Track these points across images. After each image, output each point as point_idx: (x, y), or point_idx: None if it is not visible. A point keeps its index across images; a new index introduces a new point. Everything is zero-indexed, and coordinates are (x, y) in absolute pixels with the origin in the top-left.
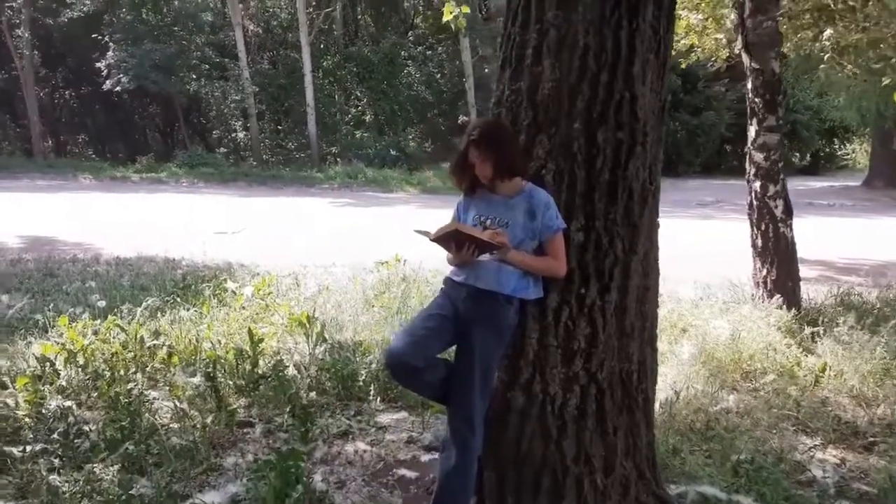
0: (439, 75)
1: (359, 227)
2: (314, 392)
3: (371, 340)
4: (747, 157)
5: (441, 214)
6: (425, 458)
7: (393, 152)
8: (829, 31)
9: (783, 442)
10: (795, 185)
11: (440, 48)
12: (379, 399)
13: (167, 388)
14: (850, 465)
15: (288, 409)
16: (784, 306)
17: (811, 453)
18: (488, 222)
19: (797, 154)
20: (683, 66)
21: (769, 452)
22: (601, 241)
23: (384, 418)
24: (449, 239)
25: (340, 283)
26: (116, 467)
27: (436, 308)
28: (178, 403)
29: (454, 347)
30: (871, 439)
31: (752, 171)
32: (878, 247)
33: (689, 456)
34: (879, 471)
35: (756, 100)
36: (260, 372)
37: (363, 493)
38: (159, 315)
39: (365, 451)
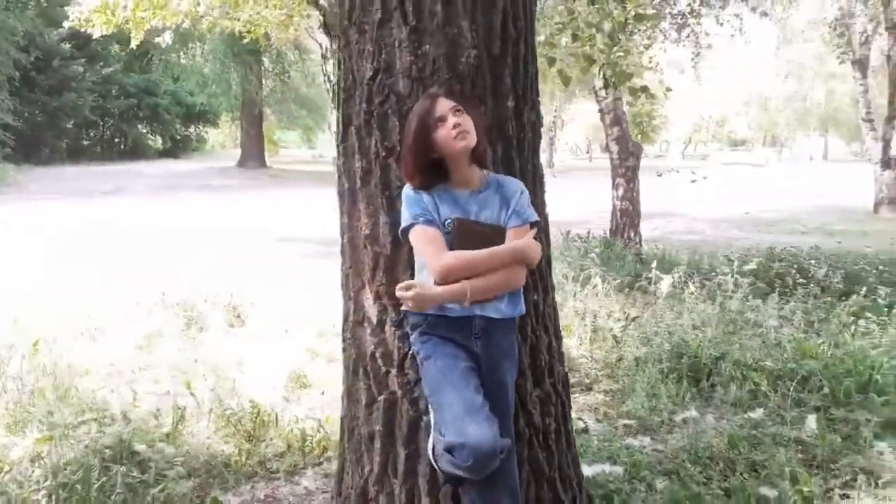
0: None
1: None
2: None
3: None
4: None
5: None
6: None
7: None
8: None
9: None
10: (168, 167)
11: None
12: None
13: None
14: (594, 407)
15: None
16: None
17: None
18: None
19: (159, 137)
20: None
21: None
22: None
23: None
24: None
25: None
26: None
27: (460, 360)
28: None
29: None
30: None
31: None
32: None
33: None
34: (616, 403)
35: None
36: None
37: None
38: None
39: None
